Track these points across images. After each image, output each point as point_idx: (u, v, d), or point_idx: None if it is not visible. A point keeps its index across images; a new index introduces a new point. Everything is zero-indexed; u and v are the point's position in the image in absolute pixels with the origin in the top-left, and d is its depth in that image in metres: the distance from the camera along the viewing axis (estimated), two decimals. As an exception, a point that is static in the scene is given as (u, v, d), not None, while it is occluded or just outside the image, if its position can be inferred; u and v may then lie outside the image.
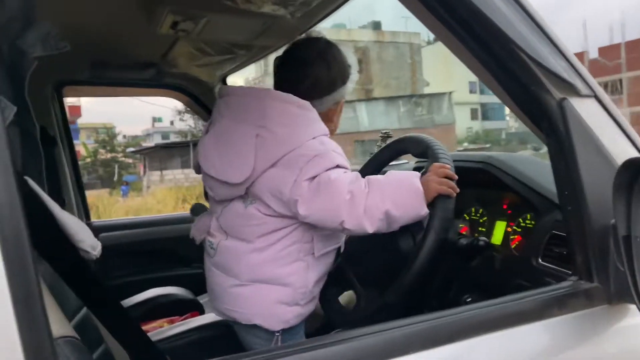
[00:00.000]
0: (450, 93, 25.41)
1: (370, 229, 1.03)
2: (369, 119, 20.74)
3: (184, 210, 12.17)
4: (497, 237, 1.28)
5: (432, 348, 0.67)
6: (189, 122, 27.13)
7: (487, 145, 30.55)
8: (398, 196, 1.02)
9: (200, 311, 1.70)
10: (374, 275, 1.15)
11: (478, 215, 1.37)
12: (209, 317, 1.43)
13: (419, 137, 1.18)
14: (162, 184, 18.87)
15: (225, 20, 1.45)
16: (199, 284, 2.24)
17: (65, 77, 2.09)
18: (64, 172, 2.12)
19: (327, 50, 1.22)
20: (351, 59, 1.27)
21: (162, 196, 15.59)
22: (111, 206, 14.21)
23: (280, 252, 1.13)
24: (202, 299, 1.95)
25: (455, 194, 1.02)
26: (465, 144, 30.95)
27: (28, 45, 0.97)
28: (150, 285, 2.08)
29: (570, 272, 0.98)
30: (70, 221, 0.78)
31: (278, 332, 1.16)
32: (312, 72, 1.19)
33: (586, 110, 0.81)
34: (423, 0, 0.81)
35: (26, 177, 0.75)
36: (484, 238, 1.14)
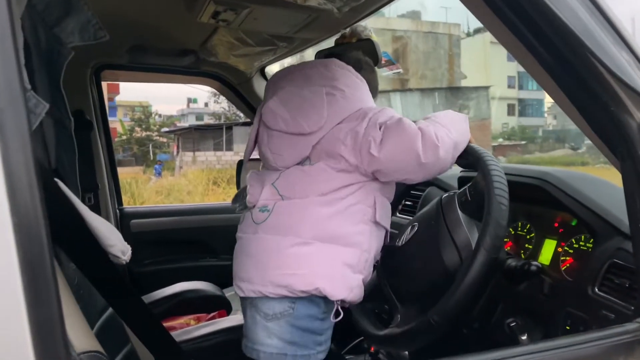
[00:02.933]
0: (487, 87, 24.83)
1: (445, 159, 1.06)
2: (404, 109, 20.44)
3: (214, 193, 12.30)
4: (546, 257, 1.20)
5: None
6: (223, 105, 27.37)
7: (523, 142, 29.81)
8: (454, 123, 1.10)
9: (228, 309, 1.67)
10: (414, 292, 1.09)
11: (525, 230, 1.29)
12: (236, 319, 1.40)
13: (470, 147, 1.10)
14: (194, 165, 19.08)
15: (268, 12, 1.39)
16: (226, 277, 2.24)
17: (104, 60, 2.08)
18: (99, 157, 2.12)
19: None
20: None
21: (193, 177, 15.76)
22: (144, 184, 14.45)
23: (348, 209, 1.08)
24: (229, 292, 1.93)
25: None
26: (500, 140, 30.24)
27: (66, 35, 0.94)
28: (177, 275, 2.07)
29: (631, 308, 0.89)
30: (101, 225, 0.75)
31: (338, 301, 1.06)
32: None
33: (671, 135, 0.72)
34: (491, 4, 0.73)
35: (56, 180, 0.71)
36: (536, 263, 1.05)
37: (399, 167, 1.06)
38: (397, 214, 1.65)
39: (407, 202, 1.63)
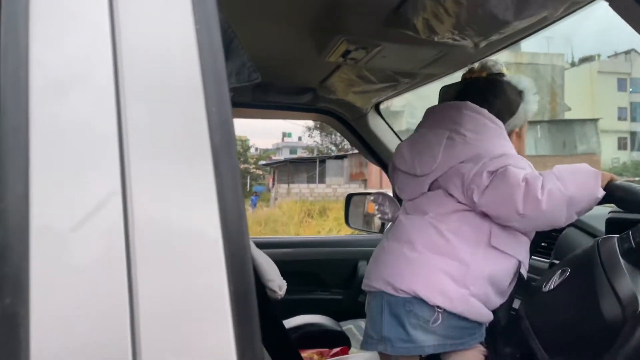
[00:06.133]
0: (595, 120, 23.26)
1: (551, 213, 1.05)
2: (502, 143, 19.64)
3: (308, 225, 12.51)
4: None
5: None
6: (316, 139, 28.09)
7: (637, 179, 27.40)
8: (574, 177, 1.06)
9: (348, 345, 1.65)
10: (565, 343, 1.00)
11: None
12: (361, 357, 1.37)
13: (629, 186, 1.01)
14: (288, 197, 19.62)
15: (398, 49, 1.40)
16: (337, 310, 2.23)
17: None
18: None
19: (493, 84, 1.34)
20: (530, 85, 1.37)
21: (287, 208, 16.18)
22: (241, 215, 14.98)
23: (460, 228, 1.16)
24: (343, 327, 1.91)
25: None
26: (611, 176, 27.90)
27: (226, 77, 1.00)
28: (290, 307, 2.09)
29: None
30: (263, 260, 0.77)
31: (440, 308, 1.12)
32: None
33: None
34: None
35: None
36: None
37: (499, 215, 1.12)
38: (533, 256, 1.55)
39: (543, 244, 1.54)
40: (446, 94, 1.46)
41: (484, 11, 0.98)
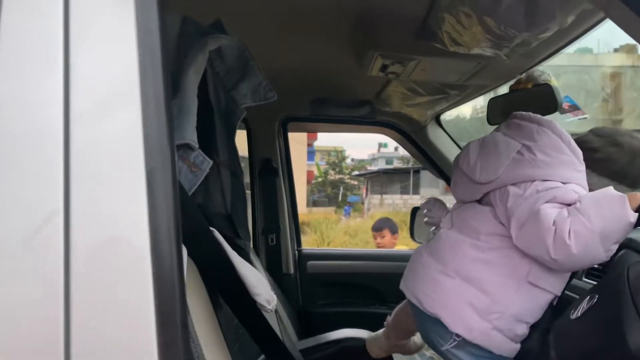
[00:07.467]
0: None
1: (584, 253, 0.99)
2: (615, 153, 18.00)
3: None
4: None
5: None
6: (412, 149, 27.64)
7: None
8: (599, 209, 0.98)
9: (388, 362, 1.63)
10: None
11: None
12: (392, 375, 1.35)
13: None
14: (381, 208, 19.49)
15: (435, 63, 1.38)
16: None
17: (290, 114, 2.27)
18: (282, 201, 2.31)
19: None
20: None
21: (379, 220, 16.00)
22: (334, 224, 15.17)
23: (496, 260, 1.12)
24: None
25: None
26: None
27: (241, 96, 1.06)
28: (346, 318, 2.10)
29: None
30: (249, 274, 0.80)
31: (458, 336, 1.12)
32: (613, 152, 1.20)
33: None
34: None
35: (212, 229, 0.79)
36: None
37: (534, 255, 1.07)
38: (583, 278, 1.43)
39: (596, 266, 1.41)
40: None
41: (497, 24, 0.94)
